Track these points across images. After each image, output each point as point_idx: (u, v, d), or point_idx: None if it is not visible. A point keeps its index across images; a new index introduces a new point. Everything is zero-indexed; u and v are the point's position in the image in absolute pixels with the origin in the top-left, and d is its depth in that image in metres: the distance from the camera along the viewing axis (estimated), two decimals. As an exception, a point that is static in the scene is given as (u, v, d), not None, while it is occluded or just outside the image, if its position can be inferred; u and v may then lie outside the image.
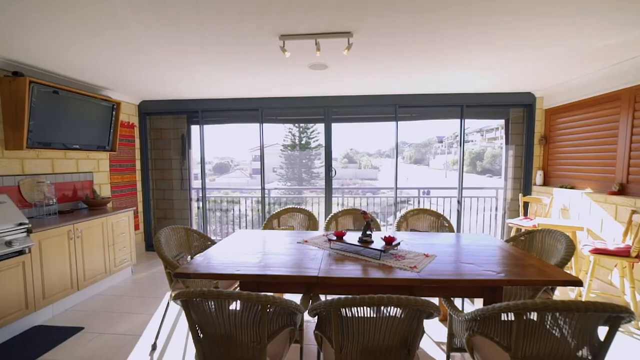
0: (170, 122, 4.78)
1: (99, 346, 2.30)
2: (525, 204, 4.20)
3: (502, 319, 1.28)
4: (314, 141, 18.60)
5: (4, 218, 2.32)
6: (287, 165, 19.66)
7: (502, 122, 4.53)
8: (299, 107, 4.48)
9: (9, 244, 2.28)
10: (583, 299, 2.58)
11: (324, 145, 4.55)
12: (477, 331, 1.35)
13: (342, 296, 1.19)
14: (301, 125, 17.45)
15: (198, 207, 5.05)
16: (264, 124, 4.56)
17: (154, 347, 2.28)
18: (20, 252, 2.38)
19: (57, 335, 2.41)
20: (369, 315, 1.25)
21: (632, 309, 2.49)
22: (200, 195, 4.89)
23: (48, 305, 2.65)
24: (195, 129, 4.79)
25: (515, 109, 4.33)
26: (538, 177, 4.17)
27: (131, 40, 2.29)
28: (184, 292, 1.25)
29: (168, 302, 2.44)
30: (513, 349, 1.22)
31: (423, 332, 1.37)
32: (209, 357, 1.39)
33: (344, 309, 1.23)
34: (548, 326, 1.20)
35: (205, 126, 4.70)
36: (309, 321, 2.61)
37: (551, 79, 3.46)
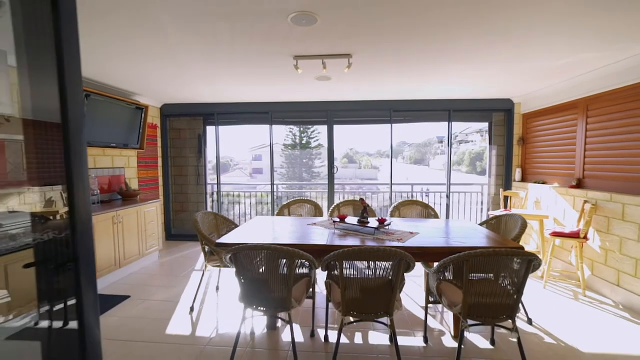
0: (188, 123, 5.31)
1: (147, 308, 2.83)
2: (506, 198, 4.74)
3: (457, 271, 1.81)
4: (314, 141, 19.04)
5: (69, 203, 2.85)
6: (287, 165, 20.04)
7: (486, 124, 5.07)
8: (305, 111, 5.01)
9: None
10: (545, 274, 3.14)
11: (325, 145, 5.08)
12: (442, 279, 1.89)
13: (346, 249, 1.73)
14: (302, 125, 17.88)
15: (212, 200, 5.58)
16: (272, 126, 5.08)
17: (191, 309, 2.82)
18: (81, 232, 2.90)
19: (111, 300, 2.94)
20: (365, 265, 1.79)
21: (580, 279, 3.04)
22: (214, 190, 5.42)
23: (99, 277, 3.18)
24: (210, 129, 5.32)
25: (497, 113, 4.87)
26: (517, 173, 4.71)
27: (171, 57, 2.81)
28: (235, 247, 1.78)
29: (202, 272, 2.98)
30: (464, 287, 1.75)
31: (403, 280, 1.91)
32: (251, 297, 1.92)
33: (347, 260, 1.76)
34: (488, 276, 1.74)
35: (212, 127, 5.23)
36: (320, 292, 3.15)
37: (525, 87, 4.00)
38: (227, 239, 2.36)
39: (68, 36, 1.08)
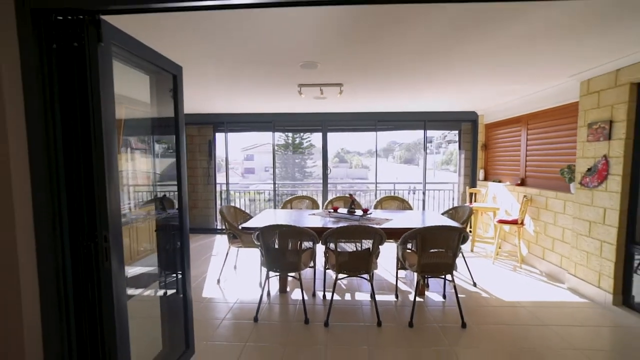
0: (199, 130, 6.05)
1: (182, 281, 3.61)
2: (471, 194, 5.64)
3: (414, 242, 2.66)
4: (306, 142, 19.76)
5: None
6: (280, 165, 20.69)
7: (456, 132, 5.97)
8: (303, 120, 5.83)
9: (124, 216, 3.56)
10: (494, 254, 4.01)
11: (316, 145, 5.93)
12: (406, 248, 2.74)
13: (339, 228, 2.56)
14: (300, 132, 18.54)
15: (222, 199, 6.35)
16: (274, 133, 5.88)
17: (218, 280, 3.61)
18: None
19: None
20: (352, 239, 2.62)
21: (518, 256, 3.94)
22: (222, 189, 6.19)
23: (141, 259, 3.93)
24: (219, 136, 6.09)
25: (465, 123, 5.77)
26: (481, 174, 5.61)
27: (202, 85, 3.59)
28: (263, 227, 2.59)
29: (227, 252, 3.77)
30: (419, 252, 2.60)
31: (378, 250, 2.74)
32: (271, 263, 2.73)
33: (340, 235, 2.59)
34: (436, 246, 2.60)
35: (221, 134, 6.00)
36: (318, 268, 3.97)
37: (485, 103, 4.90)
38: (249, 224, 3.16)
39: (180, 94, 1.90)
